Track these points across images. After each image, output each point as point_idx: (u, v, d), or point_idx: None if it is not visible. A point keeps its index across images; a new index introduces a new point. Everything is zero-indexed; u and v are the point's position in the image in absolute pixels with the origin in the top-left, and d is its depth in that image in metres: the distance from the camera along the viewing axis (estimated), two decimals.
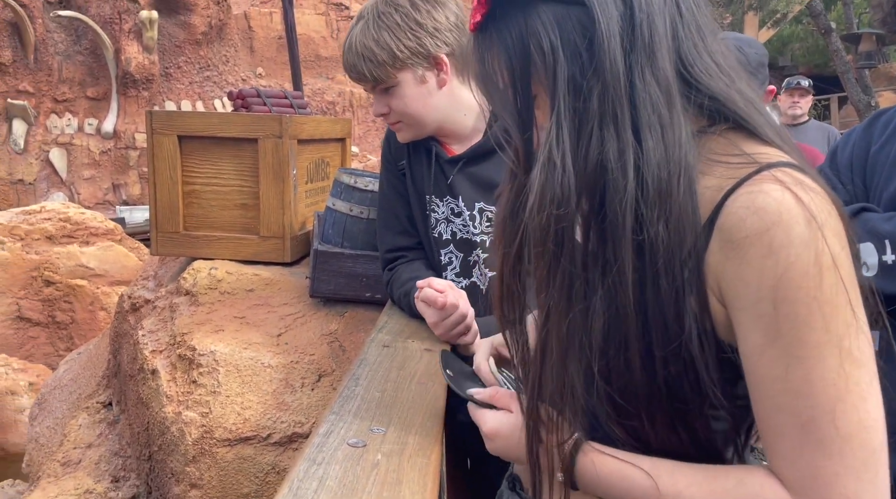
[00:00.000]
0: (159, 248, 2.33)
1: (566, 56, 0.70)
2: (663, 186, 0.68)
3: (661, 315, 0.70)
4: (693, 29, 0.74)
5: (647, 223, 0.69)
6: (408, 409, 1.01)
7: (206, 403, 1.72)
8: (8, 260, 5.40)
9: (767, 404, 0.67)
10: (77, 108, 12.93)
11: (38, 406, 2.79)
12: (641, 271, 0.69)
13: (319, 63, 18.27)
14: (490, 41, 0.75)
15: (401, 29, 1.45)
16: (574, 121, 0.70)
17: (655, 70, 0.70)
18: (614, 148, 0.69)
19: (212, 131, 2.26)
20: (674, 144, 0.69)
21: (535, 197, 0.71)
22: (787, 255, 0.64)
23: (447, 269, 1.59)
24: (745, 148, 0.71)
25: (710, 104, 0.73)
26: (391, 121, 1.57)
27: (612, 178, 0.69)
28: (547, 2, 0.71)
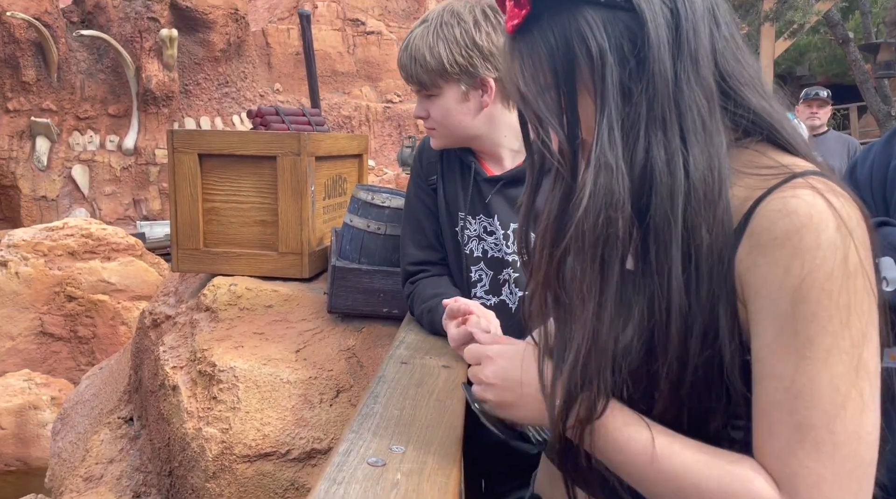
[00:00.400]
0: (180, 264, 2.36)
1: (615, 60, 0.71)
2: (708, 192, 0.69)
3: (701, 320, 0.70)
4: (729, 41, 0.75)
5: (694, 228, 0.69)
6: (426, 427, 1.01)
7: (226, 419, 1.73)
8: (31, 276, 5.49)
9: (767, 400, 0.67)
10: (99, 126, 13.15)
11: (61, 421, 2.83)
12: (687, 275, 0.70)
13: (336, 78, 18.46)
14: (532, 42, 0.74)
15: (457, 44, 1.48)
16: (624, 124, 0.70)
17: (699, 77, 0.71)
18: (662, 152, 0.70)
19: (231, 149, 2.29)
20: (716, 151, 0.70)
21: (590, 199, 0.70)
22: (813, 256, 0.64)
23: (476, 286, 1.60)
24: (777, 159, 0.72)
25: (745, 115, 0.74)
26: (427, 125, 1.60)
27: (659, 182, 0.69)
28: (593, 5, 0.71)
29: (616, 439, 0.73)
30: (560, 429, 0.75)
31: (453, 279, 1.65)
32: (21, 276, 5.47)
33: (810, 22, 11.65)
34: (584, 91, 0.73)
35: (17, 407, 4.87)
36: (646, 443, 0.71)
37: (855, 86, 13.14)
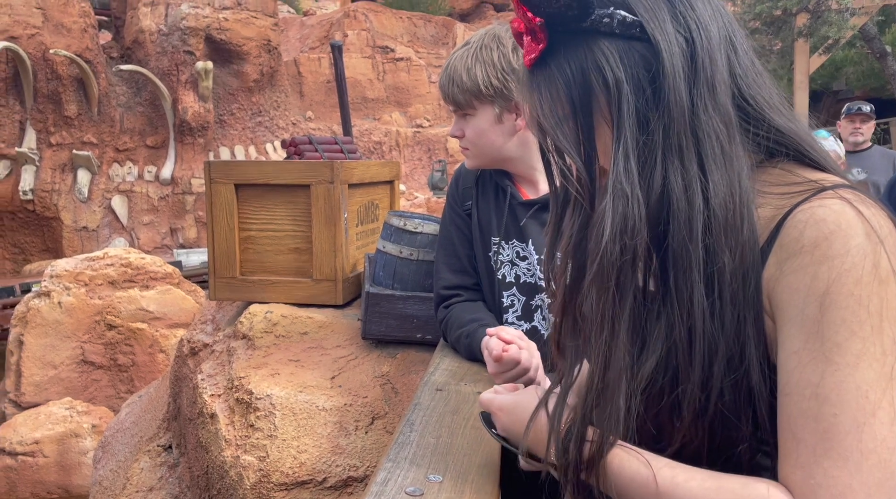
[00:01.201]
0: (217, 293, 2.40)
1: (631, 89, 0.71)
2: (729, 218, 0.69)
3: (726, 344, 0.69)
4: (749, 64, 0.76)
5: (715, 254, 0.69)
6: (463, 455, 1.00)
7: (263, 446, 1.74)
8: (73, 305, 5.62)
9: (793, 408, 0.65)
10: (137, 157, 13.51)
11: (102, 449, 2.87)
12: (710, 301, 0.70)
13: (366, 104, 18.72)
14: (549, 76, 0.75)
15: (494, 67, 1.51)
16: (640, 152, 0.71)
17: (717, 104, 0.71)
18: (679, 180, 0.70)
19: (266, 179, 2.33)
20: (736, 176, 0.70)
21: (607, 227, 0.71)
22: (841, 262, 0.63)
23: (508, 311, 1.59)
24: (805, 175, 0.72)
25: (773, 137, 0.74)
26: (462, 145, 1.63)
27: (676, 209, 0.70)
28: (608, 36, 0.72)
29: (619, 474, 0.72)
30: (566, 463, 0.74)
31: (487, 304, 1.64)
32: (63, 305, 5.61)
33: (845, 37, 11.49)
34: (601, 121, 0.74)
35: (59, 435, 4.96)
36: (647, 477, 0.70)
37: (895, 99, 12.87)
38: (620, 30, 0.72)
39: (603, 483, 0.73)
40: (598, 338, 0.73)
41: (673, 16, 0.72)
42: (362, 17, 19.60)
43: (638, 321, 0.72)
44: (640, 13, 0.72)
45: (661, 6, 0.72)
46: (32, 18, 12.09)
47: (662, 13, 0.72)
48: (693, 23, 0.72)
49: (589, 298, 0.74)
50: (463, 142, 1.61)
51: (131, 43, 14.01)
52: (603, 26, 0.72)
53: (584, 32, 0.73)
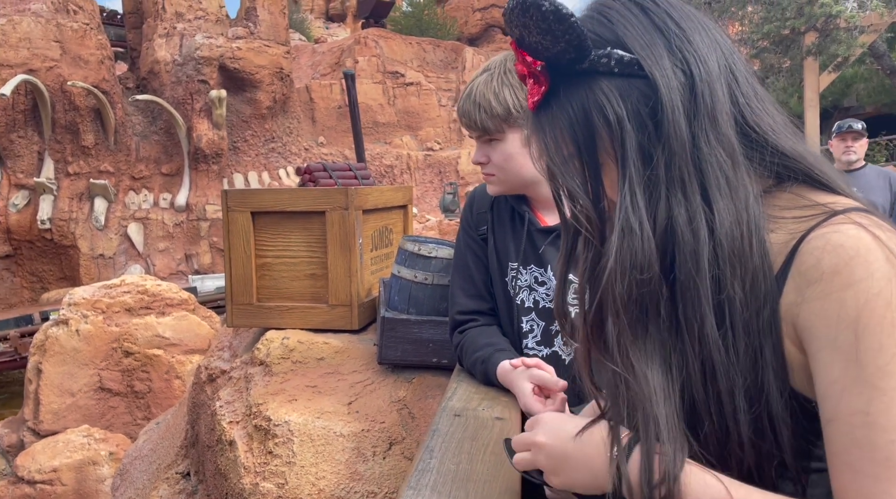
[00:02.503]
0: (234, 319, 2.42)
1: (633, 126, 0.72)
2: (737, 247, 0.69)
3: (743, 375, 0.69)
4: (751, 92, 0.76)
5: (724, 284, 0.69)
6: (484, 482, 1.00)
7: (281, 473, 1.74)
8: (91, 333, 5.67)
9: (844, 440, 0.64)
10: (153, 185, 13.69)
11: (120, 477, 2.88)
12: (721, 332, 0.69)
13: (378, 129, 18.90)
14: (553, 117, 0.76)
15: (522, 89, 1.50)
16: (646, 187, 0.72)
17: (719, 135, 0.72)
18: (683, 212, 0.70)
19: (282, 206, 2.36)
20: (743, 205, 0.71)
21: (616, 263, 0.71)
22: (867, 286, 0.63)
23: (528, 336, 1.59)
24: (816, 199, 0.72)
25: (780, 161, 0.74)
26: (486, 171, 1.60)
27: (681, 241, 0.70)
28: (608, 75, 0.73)
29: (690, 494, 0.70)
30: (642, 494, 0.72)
31: (504, 330, 1.64)
32: (81, 333, 5.66)
33: (854, 54, 11.49)
34: (606, 158, 0.75)
35: (77, 463, 4.98)
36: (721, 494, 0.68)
37: None
38: (619, 68, 0.73)
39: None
40: (629, 371, 0.73)
41: (669, 50, 0.73)
42: (372, 44, 19.86)
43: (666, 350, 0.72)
44: (637, 51, 0.73)
45: (656, 42, 0.73)
46: (51, 51, 12.35)
47: (659, 49, 0.73)
48: (691, 56, 0.73)
49: (612, 335, 0.75)
50: (487, 168, 1.59)
51: (147, 73, 14.25)
52: (601, 66, 0.73)
53: (584, 73, 0.74)
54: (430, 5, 26.90)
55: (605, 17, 0.76)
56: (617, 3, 0.77)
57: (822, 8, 10.99)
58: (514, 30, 0.75)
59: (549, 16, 0.70)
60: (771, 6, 11.93)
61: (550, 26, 0.71)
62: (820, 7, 11.02)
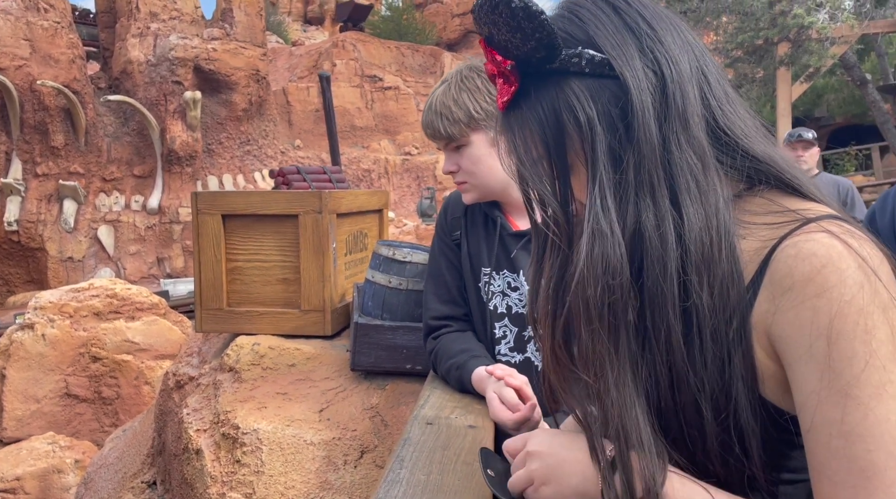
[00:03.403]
0: (203, 324, 2.36)
1: (604, 127, 0.70)
2: (706, 253, 0.68)
3: (710, 382, 0.68)
4: (722, 95, 0.75)
5: (692, 290, 0.68)
6: (454, 493, 0.98)
7: (249, 483, 1.70)
8: (57, 338, 5.54)
9: (822, 450, 0.63)
10: (124, 187, 13.47)
11: (84, 486, 2.80)
12: (688, 339, 0.68)
13: (355, 133, 18.83)
14: (522, 117, 0.74)
15: (479, 92, 1.52)
16: (615, 190, 0.70)
17: (690, 138, 0.70)
18: (651, 217, 0.69)
19: (254, 210, 2.32)
20: (713, 210, 0.69)
21: (586, 268, 0.69)
22: (840, 293, 0.62)
23: (500, 342, 1.57)
24: (787, 205, 0.71)
25: (750, 165, 0.73)
26: (458, 180, 1.61)
27: (649, 246, 0.68)
28: (578, 76, 0.71)
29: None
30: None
31: (478, 335, 1.62)
32: (47, 338, 5.52)
33: (826, 65, 11.72)
34: (576, 160, 0.73)
35: (42, 471, 4.85)
36: None
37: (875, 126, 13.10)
38: (590, 68, 0.71)
39: None
40: (600, 380, 0.71)
41: (640, 51, 0.72)
42: (350, 47, 19.81)
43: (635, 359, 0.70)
44: (608, 50, 0.71)
45: (627, 42, 0.72)
46: (20, 50, 12.12)
47: (630, 49, 0.71)
48: (662, 57, 0.72)
49: (583, 343, 0.72)
50: (459, 176, 1.59)
51: (119, 73, 14.04)
52: (572, 66, 0.71)
53: (554, 73, 0.72)
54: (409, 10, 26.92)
55: (576, 16, 0.74)
56: (588, 2, 0.75)
57: (794, 19, 11.19)
58: (484, 27, 0.73)
59: (519, 13, 0.68)
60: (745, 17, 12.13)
61: (520, 24, 0.69)
62: (793, 18, 11.22)
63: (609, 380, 0.70)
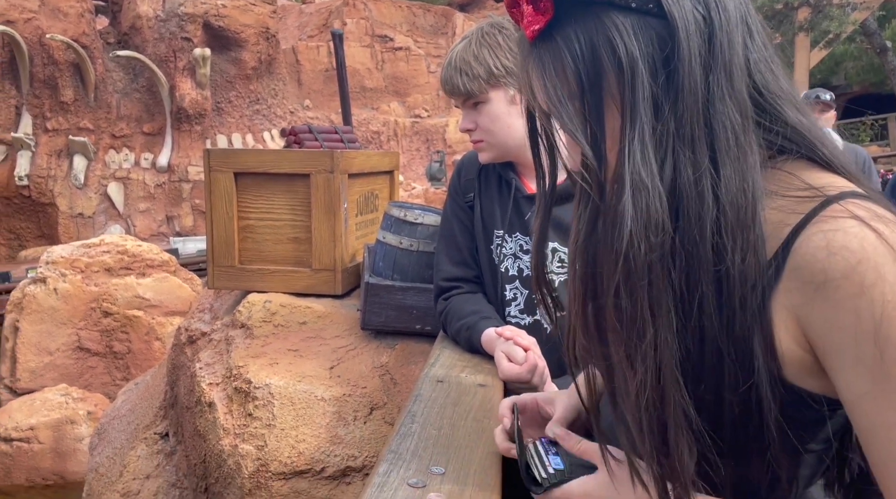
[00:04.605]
0: (215, 281, 2.39)
1: (646, 70, 0.65)
2: (741, 216, 0.65)
3: (735, 352, 0.66)
4: (764, 52, 0.71)
5: (725, 254, 0.65)
6: (465, 447, 1.00)
7: (261, 436, 1.74)
8: (69, 292, 5.61)
9: (883, 453, 0.62)
10: (134, 144, 13.44)
11: (98, 436, 2.87)
12: (719, 305, 0.66)
13: (364, 94, 18.64)
14: (555, 49, 0.68)
15: (500, 48, 1.50)
16: (654, 140, 0.65)
17: (733, 92, 0.66)
18: (689, 172, 0.65)
19: (266, 168, 2.32)
20: (748, 172, 0.66)
21: (630, 224, 0.64)
22: (881, 292, 0.60)
23: (511, 304, 1.59)
24: (807, 179, 0.68)
25: (781, 131, 0.69)
26: (475, 138, 1.59)
27: (686, 204, 0.65)
28: (622, 10, 0.66)
29: None
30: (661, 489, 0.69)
31: (488, 297, 1.64)
32: (59, 292, 5.59)
33: (846, 31, 11.48)
34: (609, 103, 0.68)
35: (55, 422, 4.96)
36: None
37: (894, 95, 12.88)
38: (636, 3, 0.65)
39: None
40: (637, 342, 0.66)
41: None
42: (361, 6, 19.49)
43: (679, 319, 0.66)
44: None
45: None
46: (29, 2, 11.99)
47: None
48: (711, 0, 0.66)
49: (622, 302, 0.67)
50: (475, 134, 1.58)
51: (128, 28, 13.90)
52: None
53: (595, 3, 0.66)
54: None
55: None
56: None
57: None
58: None
59: None
60: None
61: None
62: None
63: (648, 342, 0.66)
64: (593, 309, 0.74)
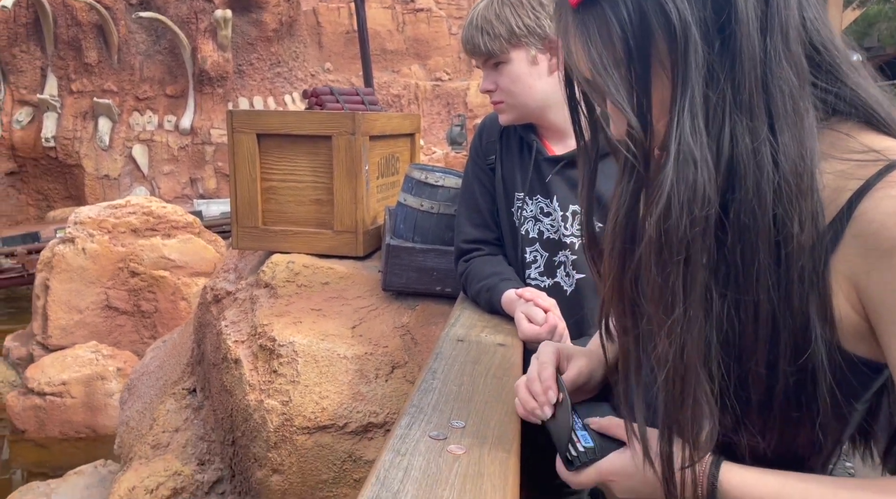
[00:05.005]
0: (239, 242, 2.43)
1: (699, 35, 0.62)
2: (802, 184, 0.63)
3: (792, 324, 0.64)
4: (818, 11, 0.68)
5: (782, 225, 0.63)
6: (485, 403, 1.03)
7: (286, 392, 1.79)
8: (97, 252, 5.72)
9: None
10: (157, 106, 13.50)
11: (128, 391, 2.96)
12: (777, 276, 0.64)
13: (385, 56, 18.47)
14: (601, 14, 0.66)
15: (523, 7, 1.48)
16: (707, 109, 0.63)
17: (790, 54, 0.64)
18: (747, 142, 0.63)
19: (288, 129, 2.34)
20: (806, 137, 0.64)
21: (674, 197, 0.63)
22: None
23: (531, 267, 1.60)
24: (865, 141, 0.66)
25: (840, 92, 0.67)
26: (495, 99, 1.58)
27: (744, 175, 0.63)
28: None
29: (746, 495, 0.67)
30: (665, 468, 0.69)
31: (508, 260, 1.65)
32: (87, 252, 5.70)
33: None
34: (658, 70, 0.65)
35: (86, 377, 5.11)
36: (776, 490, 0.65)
37: None
38: None
39: None
40: (666, 321, 0.65)
41: None
42: None
43: (710, 298, 0.65)
44: None
45: None
46: None
47: None
48: None
49: (653, 276, 0.66)
50: (496, 95, 1.57)
51: None
52: None
53: None
54: None
55: None
56: None
57: None
58: None
59: None
60: None
61: None
62: None
63: (677, 318, 0.65)
64: (627, 283, 0.73)
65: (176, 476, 2.14)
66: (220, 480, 2.14)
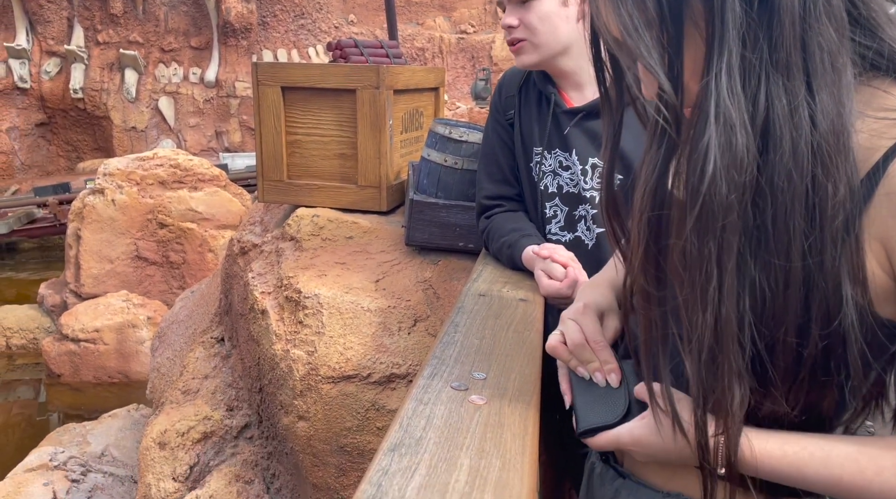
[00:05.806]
0: (265, 195, 2.46)
1: None
2: (840, 145, 0.61)
3: (825, 287, 0.63)
4: None
5: (818, 187, 0.61)
6: (506, 356, 1.05)
7: (311, 342, 1.83)
8: (126, 203, 5.81)
9: None
10: (182, 58, 13.49)
11: (159, 339, 3.05)
12: (810, 239, 0.63)
13: (409, 8, 18.15)
14: None
15: None
16: (743, 71, 0.61)
17: (830, 8, 0.61)
18: (784, 103, 0.61)
19: (312, 82, 2.33)
20: (844, 95, 0.62)
21: (712, 162, 0.61)
22: None
23: (551, 222, 1.60)
24: None
25: (876, 47, 0.65)
26: (517, 36, 1.52)
27: (780, 136, 0.61)
28: None
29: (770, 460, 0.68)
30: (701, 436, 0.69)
31: (529, 215, 1.66)
32: (117, 203, 5.80)
33: None
34: (691, 31, 0.64)
35: (118, 325, 5.26)
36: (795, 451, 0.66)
37: None
38: None
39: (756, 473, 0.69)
40: (700, 291, 0.64)
41: None
42: None
43: (743, 265, 0.64)
44: None
45: None
46: None
47: None
48: None
49: (689, 244, 0.64)
50: (518, 31, 1.51)
51: None
52: None
53: None
54: None
55: None
56: None
57: None
58: None
59: None
60: None
61: None
62: None
63: (714, 286, 0.64)
64: (656, 252, 0.72)
65: (206, 421, 2.22)
66: (247, 425, 2.21)
